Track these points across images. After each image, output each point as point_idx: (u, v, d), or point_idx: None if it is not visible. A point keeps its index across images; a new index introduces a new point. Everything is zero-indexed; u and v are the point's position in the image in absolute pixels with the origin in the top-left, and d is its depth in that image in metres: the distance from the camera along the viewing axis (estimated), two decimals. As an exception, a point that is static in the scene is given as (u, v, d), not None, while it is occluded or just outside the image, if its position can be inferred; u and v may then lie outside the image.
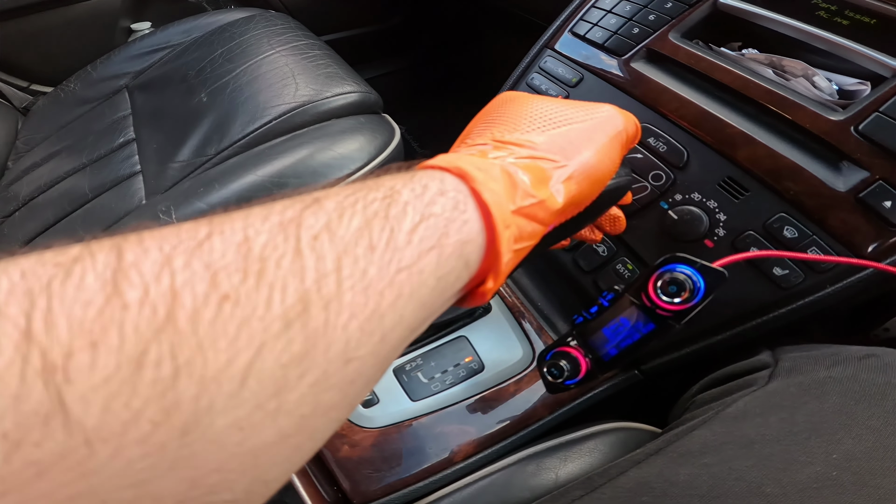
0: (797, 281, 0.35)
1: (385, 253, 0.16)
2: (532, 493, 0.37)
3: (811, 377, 0.31)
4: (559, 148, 0.24)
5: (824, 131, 0.36)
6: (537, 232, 0.22)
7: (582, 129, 0.26)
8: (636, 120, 0.29)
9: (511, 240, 0.20)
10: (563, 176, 0.23)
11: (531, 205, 0.21)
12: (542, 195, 0.22)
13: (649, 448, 0.32)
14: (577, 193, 0.24)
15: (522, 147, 0.23)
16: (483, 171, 0.20)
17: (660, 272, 0.27)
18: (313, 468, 0.42)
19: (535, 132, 0.25)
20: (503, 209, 0.20)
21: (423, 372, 0.45)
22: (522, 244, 0.22)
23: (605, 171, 0.26)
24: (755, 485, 0.26)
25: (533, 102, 0.27)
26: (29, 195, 0.70)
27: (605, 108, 0.27)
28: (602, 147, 0.26)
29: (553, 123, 0.25)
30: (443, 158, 0.21)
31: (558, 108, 0.26)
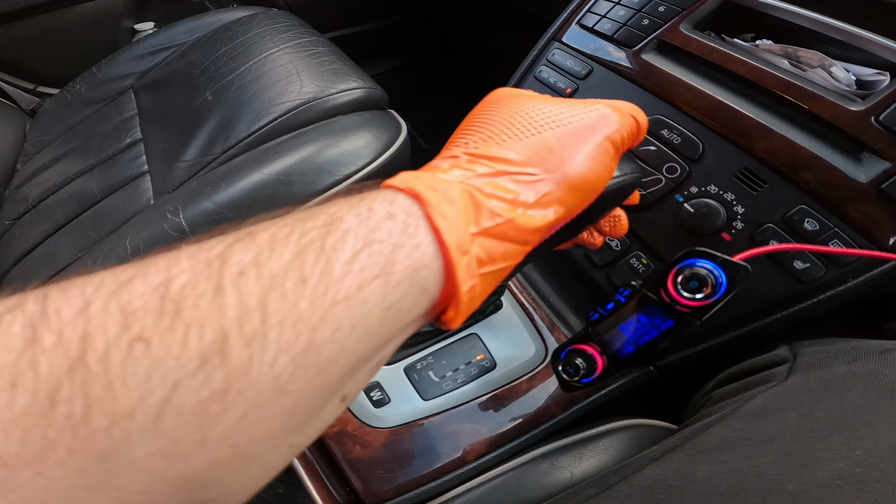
0: (818, 275, 0.34)
1: (318, 285, 0.15)
2: (546, 492, 0.37)
3: (831, 372, 0.31)
4: (539, 158, 0.22)
5: (844, 122, 0.35)
6: (514, 252, 0.21)
7: (566, 134, 0.23)
8: (637, 114, 0.27)
9: (474, 264, 0.19)
10: (543, 190, 0.22)
11: (498, 225, 0.20)
12: (511, 214, 0.20)
13: (666, 445, 0.31)
14: (560, 206, 0.23)
15: (496, 161, 0.22)
16: (438, 192, 0.19)
17: (679, 267, 0.26)
18: (325, 469, 0.42)
19: (513, 141, 0.23)
20: (460, 233, 0.18)
21: (435, 370, 0.44)
22: (494, 266, 0.20)
23: (595, 178, 0.24)
24: (776, 482, 0.25)
25: (517, 105, 0.25)
26: (38, 197, 0.70)
27: (596, 107, 0.25)
28: (591, 152, 0.23)
29: (534, 129, 0.23)
30: (401, 177, 0.20)
31: (543, 110, 0.24)
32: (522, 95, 0.26)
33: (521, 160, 0.22)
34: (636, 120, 0.27)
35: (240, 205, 0.55)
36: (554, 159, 0.22)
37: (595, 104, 0.25)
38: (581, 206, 0.24)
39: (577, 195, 0.23)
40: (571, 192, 0.23)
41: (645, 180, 0.42)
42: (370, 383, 0.44)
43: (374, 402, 0.43)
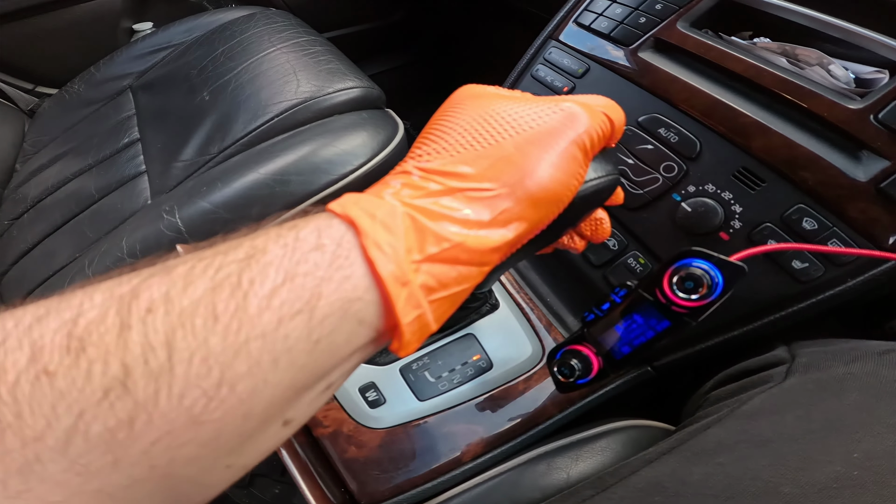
0: (817, 274, 0.34)
1: (231, 322, 0.15)
2: (542, 493, 0.37)
3: (829, 373, 0.30)
4: (496, 171, 0.20)
5: (842, 120, 0.35)
6: (470, 275, 0.20)
7: (526, 141, 0.21)
8: (611, 110, 0.25)
9: (419, 294, 0.18)
10: (500, 207, 0.20)
11: (446, 250, 0.18)
12: (460, 238, 0.19)
13: (662, 447, 0.31)
14: (521, 223, 0.21)
15: (448, 177, 0.20)
16: (375, 219, 0.18)
17: (675, 267, 0.26)
18: (320, 469, 0.42)
19: (467, 152, 0.21)
20: (399, 262, 0.17)
21: (431, 371, 0.44)
22: (448, 291, 0.19)
23: (560, 188, 0.22)
24: (772, 484, 0.25)
25: (476, 108, 0.23)
26: (37, 197, 0.70)
27: (562, 106, 0.23)
28: (554, 160, 0.21)
29: (490, 137, 0.21)
30: (342, 200, 0.19)
31: (501, 113, 0.22)
32: (484, 96, 0.24)
33: (476, 174, 0.20)
34: (608, 117, 0.24)
35: (236, 204, 0.55)
36: (512, 171, 0.21)
37: (562, 102, 0.23)
38: (547, 219, 0.22)
39: (540, 209, 0.21)
40: (533, 206, 0.21)
41: (642, 179, 0.41)
42: (365, 384, 0.44)
43: (370, 402, 0.43)
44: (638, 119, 0.43)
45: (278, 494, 0.60)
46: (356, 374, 0.44)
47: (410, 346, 0.19)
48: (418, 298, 0.18)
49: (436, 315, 0.19)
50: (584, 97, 0.25)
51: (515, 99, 0.23)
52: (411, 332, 0.18)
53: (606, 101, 0.25)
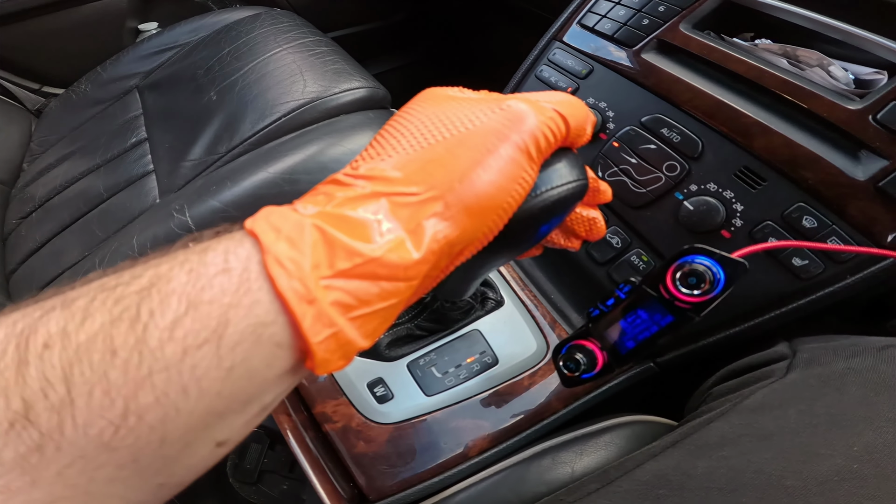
0: (817, 271, 0.34)
1: (131, 356, 0.15)
2: (548, 488, 0.37)
3: (830, 369, 0.31)
4: (424, 174, 0.19)
5: (842, 120, 0.35)
6: (395, 290, 0.18)
7: (459, 143, 0.20)
8: (566, 107, 0.22)
9: (332, 312, 0.17)
10: (426, 213, 0.18)
11: (360, 265, 0.17)
12: (375, 252, 0.17)
13: (666, 441, 0.31)
14: (453, 230, 0.19)
15: (374, 180, 0.19)
16: (280, 233, 0.17)
17: (678, 263, 0.26)
18: (329, 464, 0.42)
19: (398, 154, 0.19)
20: (303, 278, 0.16)
21: (437, 367, 0.45)
22: (369, 308, 0.18)
23: (497, 191, 0.20)
24: (775, 477, 0.26)
25: (423, 109, 0.21)
26: (45, 196, 0.71)
27: (503, 105, 0.21)
28: (490, 163, 0.20)
29: (423, 138, 0.20)
30: (256, 215, 0.18)
31: (439, 114, 0.20)
32: (434, 98, 0.22)
33: (403, 177, 0.19)
34: (562, 116, 0.22)
35: (245, 203, 0.55)
36: (442, 174, 0.19)
37: (505, 101, 0.21)
38: (489, 228, 0.21)
39: (476, 217, 0.20)
40: (467, 213, 0.19)
41: (645, 178, 0.42)
42: (373, 379, 0.44)
43: (378, 398, 0.44)
44: (641, 119, 0.44)
45: (286, 490, 0.60)
46: (364, 369, 0.45)
47: (331, 365, 0.17)
48: (331, 316, 0.16)
49: (364, 331, 0.18)
50: (537, 94, 0.23)
51: (461, 100, 0.21)
52: (327, 351, 0.17)
53: (562, 98, 0.23)
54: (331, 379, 0.45)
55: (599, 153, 0.45)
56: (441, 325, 0.46)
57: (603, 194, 0.29)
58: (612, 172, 0.44)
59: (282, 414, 0.43)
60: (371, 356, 0.45)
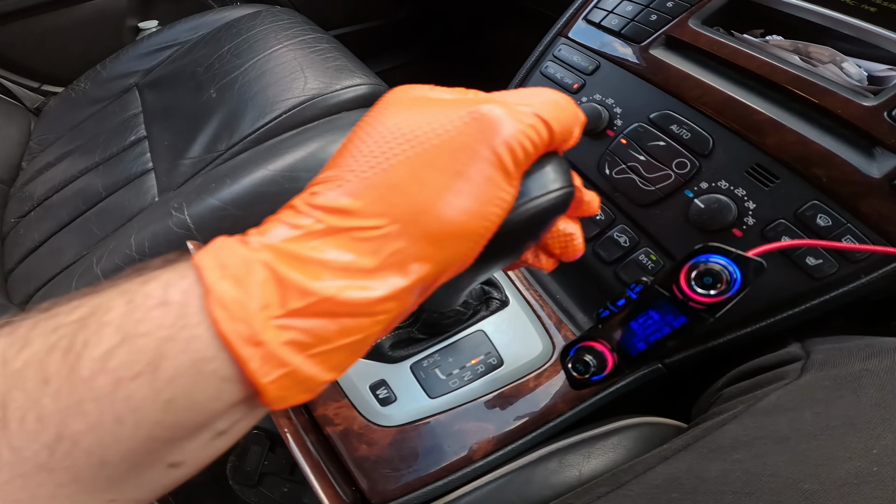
0: (831, 271, 0.34)
1: (63, 385, 0.15)
2: (554, 491, 0.36)
3: (846, 370, 0.30)
4: (385, 204, 0.17)
5: (856, 117, 0.35)
6: (359, 326, 0.17)
7: (422, 163, 0.17)
8: (548, 109, 0.19)
9: (285, 352, 0.16)
10: (389, 249, 0.17)
11: (314, 304, 0.16)
12: (329, 290, 0.16)
13: (677, 443, 0.31)
14: (422, 265, 0.17)
15: (331, 213, 0.17)
16: (226, 270, 0.16)
17: (692, 263, 0.26)
18: (331, 468, 0.42)
19: (357, 180, 0.17)
20: (248, 320, 0.15)
21: (441, 368, 0.44)
22: (331, 345, 0.17)
23: (470, 218, 0.18)
24: (792, 481, 0.25)
25: (386, 118, 0.19)
26: (44, 195, 0.70)
27: (472, 112, 0.18)
28: (458, 184, 0.17)
29: (383, 157, 0.18)
30: (207, 246, 0.17)
31: (401, 125, 0.18)
32: (401, 102, 0.19)
33: (363, 208, 0.17)
34: (543, 119, 0.19)
35: (245, 201, 0.55)
36: (405, 204, 0.17)
37: (475, 105, 0.18)
38: (466, 256, 0.19)
39: (447, 248, 0.18)
40: (436, 245, 0.17)
41: (653, 176, 0.41)
42: (376, 381, 0.44)
43: (381, 400, 0.43)
44: (649, 116, 0.43)
45: (287, 493, 0.60)
46: (367, 371, 0.44)
47: (290, 401, 0.17)
48: (281, 357, 0.16)
49: (327, 366, 0.17)
50: (517, 94, 0.20)
51: (428, 105, 0.19)
52: (281, 389, 0.16)
53: (546, 99, 0.20)
54: (332, 380, 0.44)
55: (607, 150, 0.45)
56: (444, 327, 0.45)
57: (587, 205, 0.26)
58: (619, 170, 0.44)
59: (282, 417, 0.42)
60: (374, 357, 0.45)
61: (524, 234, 0.21)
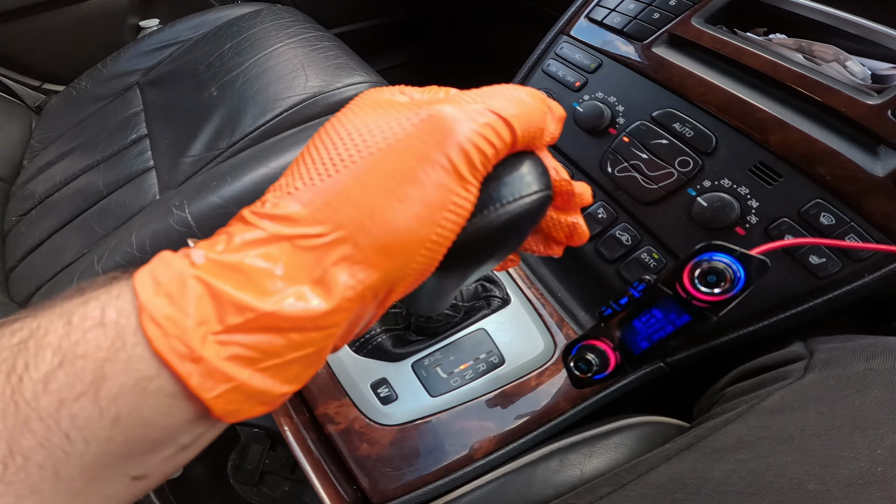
0: (835, 270, 0.33)
1: (8, 406, 0.15)
2: (555, 491, 0.36)
3: (850, 370, 0.30)
4: (330, 210, 0.16)
5: (861, 115, 0.34)
6: (308, 340, 0.17)
7: (368, 169, 0.17)
8: (510, 107, 0.18)
9: (230, 366, 0.16)
10: (333, 258, 0.16)
11: (253, 320, 0.16)
12: (269, 306, 0.16)
13: (680, 443, 0.31)
14: (370, 274, 0.17)
15: (277, 221, 0.17)
16: (160, 286, 0.16)
17: (696, 261, 0.25)
18: (332, 467, 0.41)
19: (305, 187, 0.17)
20: (184, 337, 0.15)
21: (443, 367, 0.44)
22: (280, 359, 0.16)
23: (419, 224, 0.17)
24: (796, 481, 0.25)
25: (342, 124, 0.18)
26: (45, 193, 0.70)
27: (422, 114, 0.17)
28: (405, 189, 0.16)
29: (332, 164, 0.17)
30: (148, 264, 0.17)
31: (355, 128, 0.17)
32: (362, 104, 0.18)
33: (308, 216, 0.16)
34: (504, 120, 0.18)
35: (245, 199, 0.55)
36: (349, 211, 0.16)
37: (426, 107, 0.17)
38: (422, 264, 0.18)
39: (398, 256, 0.17)
40: (384, 253, 0.17)
41: (656, 174, 0.41)
42: (377, 380, 0.44)
43: (382, 398, 0.43)
44: (652, 114, 0.43)
45: (288, 492, 0.60)
46: (368, 369, 0.44)
47: (244, 414, 0.17)
48: (226, 372, 0.16)
49: (283, 378, 0.17)
50: (474, 93, 0.19)
51: (382, 108, 0.18)
52: (231, 403, 0.16)
53: (508, 96, 0.19)
54: (333, 379, 0.44)
55: (609, 148, 0.44)
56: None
57: (579, 197, 0.25)
58: (622, 168, 0.43)
59: (283, 415, 0.42)
60: (375, 356, 0.44)
61: (499, 242, 0.20)
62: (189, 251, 0.17)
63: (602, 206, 0.45)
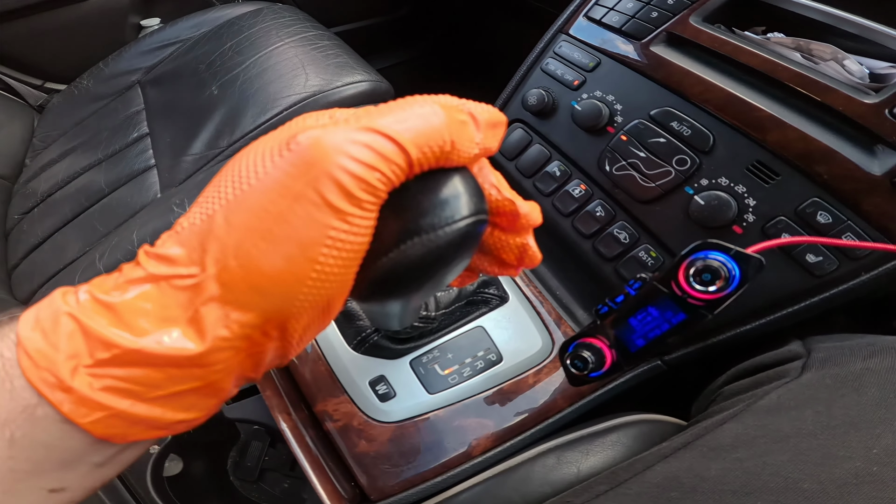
0: (831, 268, 0.33)
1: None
2: (553, 488, 0.36)
3: (847, 369, 0.30)
4: (202, 251, 0.16)
5: (858, 114, 0.34)
6: (191, 375, 0.17)
7: (236, 206, 0.16)
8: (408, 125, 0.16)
9: (105, 396, 0.16)
10: (201, 298, 0.16)
11: (120, 356, 0.16)
12: (132, 343, 0.16)
13: (676, 442, 0.31)
14: (242, 314, 0.16)
15: (159, 261, 0.17)
16: (39, 322, 0.17)
17: (691, 259, 0.26)
18: (330, 464, 0.42)
19: (188, 229, 0.17)
20: (53, 369, 0.16)
21: (441, 364, 0.44)
22: (166, 391, 0.17)
23: (297, 262, 0.16)
24: (792, 480, 0.25)
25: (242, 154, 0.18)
26: (47, 191, 0.71)
27: (295, 144, 0.16)
28: (276, 226, 0.16)
29: (210, 204, 0.17)
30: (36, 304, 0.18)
31: (236, 165, 0.17)
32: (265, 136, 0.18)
33: (184, 256, 0.17)
34: (390, 139, 0.16)
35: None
36: (216, 250, 0.16)
37: (293, 134, 0.16)
38: (310, 299, 0.17)
39: (273, 295, 0.16)
40: (256, 292, 0.16)
41: (654, 172, 0.41)
42: (375, 377, 0.44)
43: (380, 396, 0.43)
44: (650, 112, 0.43)
45: (287, 489, 0.60)
46: (366, 367, 0.44)
47: (129, 437, 0.17)
48: (99, 401, 0.16)
49: (178, 406, 0.17)
50: (360, 112, 0.17)
51: (260, 142, 0.17)
52: (110, 428, 0.17)
53: (400, 112, 0.17)
54: (332, 377, 0.44)
55: (607, 147, 0.44)
56: (443, 322, 0.45)
57: (525, 219, 0.22)
58: (620, 167, 0.43)
59: (281, 412, 0.43)
60: (373, 353, 0.45)
61: (424, 277, 0.18)
62: (79, 288, 0.18)
63: (600, 205, 0.45)
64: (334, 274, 0.17)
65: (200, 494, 0.60)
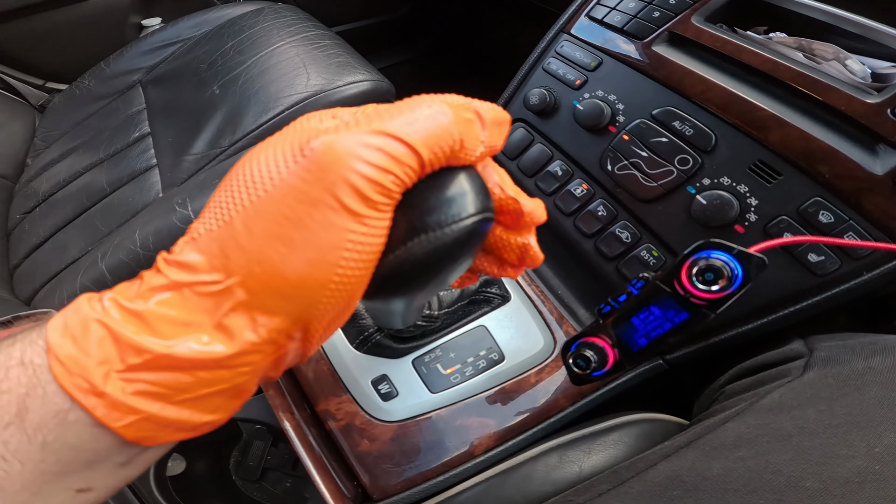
0: (833, 268, 0.34)
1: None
2: (555, 487, 0.36)
3: (849, 368, 0.30)
4: (224, 258, 0.17)
5: (860, 114, 0.34)
6: (219, 378, 0.17)
7: (255, 212, 0.16)
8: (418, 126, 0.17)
9: (136, 400, 0.17)
10: (228, 304, 0.17)
11: (151, 360, 0.16)
12: (162, 348, 0.16)
13: (679, 441, 0.31)
14: (270, 318, 0.17)
15: (179, 268, 0.17)
16: (68, 329, 0.17)
17: (694, 259, 0.26)
18: (333, 463, 0.42)
19: (206, 234, 0.17)
20: (85, 374, 0.16)
21: (443, 363, 0.44)
22: (194, 394, 0.17)
23: (319, 267, 0.16)
24: (794, 479, 0.25)
25: (251, 155, 0.18)
26: (48, 191, 0.71)
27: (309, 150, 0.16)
28: (297, 233, 0.16)
29: (227, 209, 0.17)
30: (63, 309, 0.18)
31: (249, 170, 0.17)
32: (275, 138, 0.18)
33: (205, 263, 0.17)
34: (403, 142, 0.16)
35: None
36: (239, 257, 0.17)
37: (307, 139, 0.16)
38: (331, 303, 0.17)
39: (297, 299, 0.17)
40: (280, 297, 0.17)
41: (656, 172, 0.41)
42: (377, 376, 0.44)
43: (382, 395, 0.43)
44: (652, 112, 0.43)
45: (290, 488, 0.60)
46: (368, 366, 0.44)
47: (158, 439, 0.18)
48: (131, 405, 0.17)
49: (205, 408, 0.18)
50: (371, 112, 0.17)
51: (272, 146, 0.17)
52: (142, 431, 0.17)
53: (407, 113, 0.17)
54: (334, 376, 0.45)
55: (609, 146, 0.45)
56: (446, 322, 0.45)
57: (529, 216, 0.23)
58: (621, 166, 0.43)
59: (284, 411, 0.43)
60: (376, 352, 0.45)
61: (430, 274, 0.18)
62: (103, 295, 0.18)
63: (602, 204, 0.45)
64: (355, 275, 0.17)
65: (203, 494, 0.60)
